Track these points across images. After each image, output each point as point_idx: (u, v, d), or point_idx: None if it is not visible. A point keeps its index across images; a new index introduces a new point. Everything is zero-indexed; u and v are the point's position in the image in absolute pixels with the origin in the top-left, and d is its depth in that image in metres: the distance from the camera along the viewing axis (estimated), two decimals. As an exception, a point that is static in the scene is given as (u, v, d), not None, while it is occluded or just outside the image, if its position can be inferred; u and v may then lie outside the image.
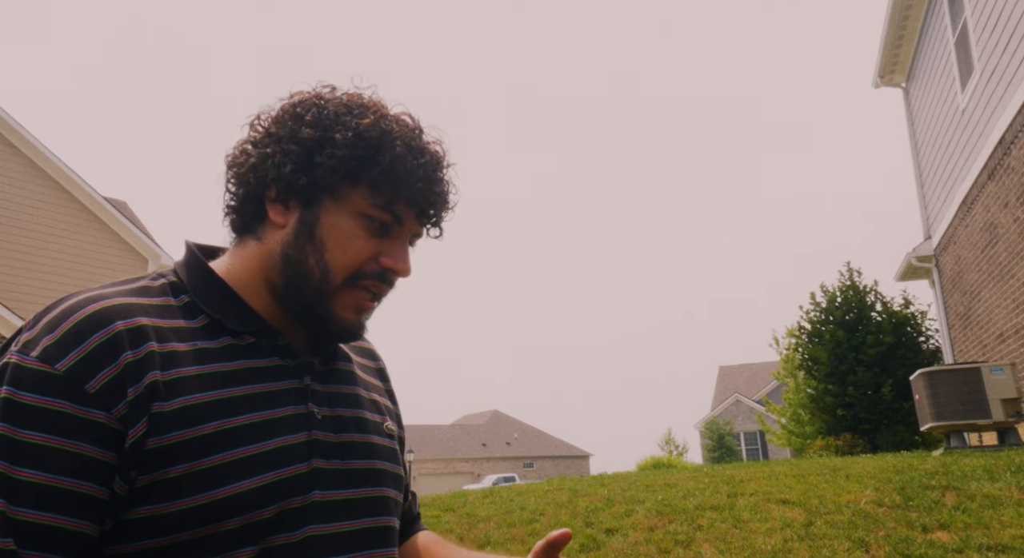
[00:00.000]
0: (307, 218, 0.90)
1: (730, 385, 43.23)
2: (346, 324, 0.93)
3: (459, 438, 49.97)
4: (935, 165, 10.81)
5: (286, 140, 0.90)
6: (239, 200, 0.93)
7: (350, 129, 0.89)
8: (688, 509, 5.32)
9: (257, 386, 0.87)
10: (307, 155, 0.88)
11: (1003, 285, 8.29)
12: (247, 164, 0.92)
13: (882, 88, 12.24)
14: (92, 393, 0.77)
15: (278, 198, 0.91)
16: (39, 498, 0.74)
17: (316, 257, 0.89)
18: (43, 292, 11.48)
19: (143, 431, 0.78)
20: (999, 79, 7.82)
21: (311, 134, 0.89)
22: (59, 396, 0.76)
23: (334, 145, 0.88)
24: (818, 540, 4.37)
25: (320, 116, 0.90)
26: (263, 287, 0.92)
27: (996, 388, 6.92)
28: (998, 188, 8.15)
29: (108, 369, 0.78)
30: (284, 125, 0.91)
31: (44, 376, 0.77)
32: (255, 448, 0.83)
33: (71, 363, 0.77)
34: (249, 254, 0.94)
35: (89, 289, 0.85)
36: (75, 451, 0.76)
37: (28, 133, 11.90)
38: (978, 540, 4.03)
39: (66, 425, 0.76)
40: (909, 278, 12.58)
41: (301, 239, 0.90)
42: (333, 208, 0.90)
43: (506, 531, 5.51)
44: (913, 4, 10.53)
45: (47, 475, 0.75)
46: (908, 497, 4.89)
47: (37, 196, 12.02)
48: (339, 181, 0.89)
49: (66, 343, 0.78)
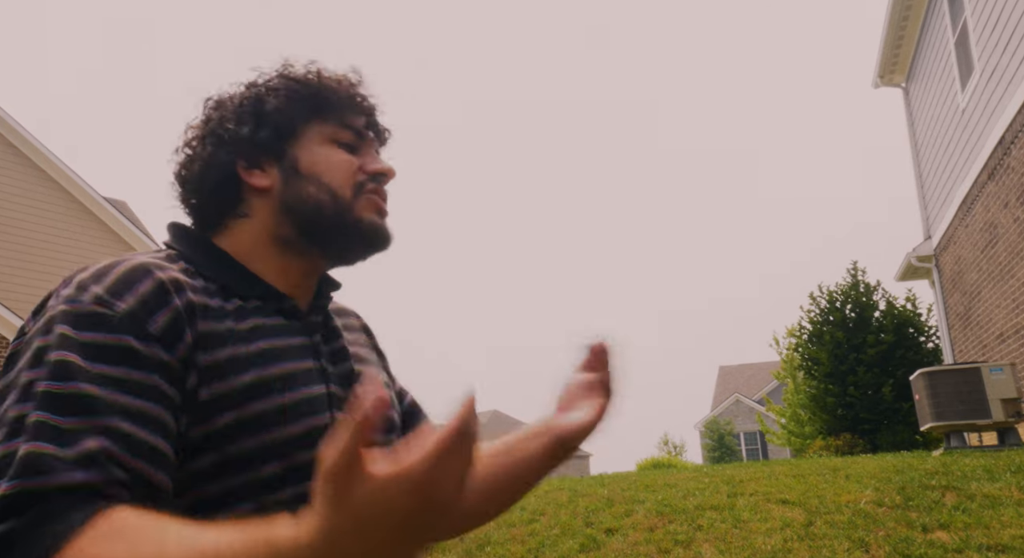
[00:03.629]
0: (287, 165, 0.95)
1: (730, 385, 43.22)
2: (375, 224, 0.97)
3: (459, 438, 49.99)
4: (935, 165, 10.81)
5: (232, 111, 0.95)
6: (213, 191, 0.94)
7: (279, 77, 0.97)
8: (688, 509, 5.32)
9: (277, 340, 0.89)
10: (257, 111, 0.95)
11: (1003, 285, 8.29)
12: (203, 154, 0.94)
13: (882, 88, 12.24)
14: (154, 333, 0.78)
15: (250, 165, 0.94)
16: (124, 415, 0.73)
17: (316, 186, 0.94)
18: (43, 292, 11.44)
19: (197, 377, 0.79)
20: (999, 79, 7.82)
21: (250, 93, 0.96)
22: (123, 332, 0.76)
23: (275, 93, 0.95)
24: (818, 540, 4.37)
25: (249, 82, 0.98)
26: (273, 249, 0.95)
27: (996, 388, 6.92)
28: (998, 188, 8.15)
29: (163, 311, 0.79)
30: (222, 104, 0.97)
31: (103, 317, 0.76)
32: (291, 396, 0.85)
33: (128, 305, 0.78)
34: (243, 232, 0.95)
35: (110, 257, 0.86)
36: (148, 382, 0.76)
37: (28, 133, 11.90)
38: (978, 540, 4.03)
39: (135, 358, 0.76)
40: (909, 278, 12.58)
41: (293, 183, 0.94)
42: (303, 145, 0.95)
43: (506, 531, 5.51)
44: (913, 4, 10.53)
45: (129, 397, 0.74)
46: (908, 497, 4.89)
47: (37, 196, 12.02)
48: (294, 121, 0.95)
49: (118, 289, 0.79)
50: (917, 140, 11.73)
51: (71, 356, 0.73)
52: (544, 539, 5.18)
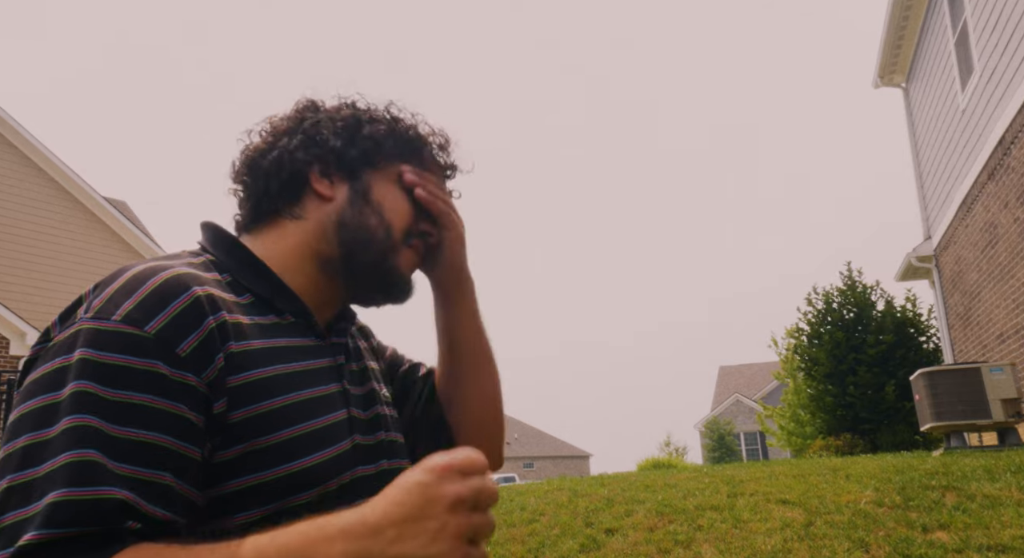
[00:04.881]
0: (359, 187, 0.97)
1: (730, 385, 43.21)
2: (406, 279, 1.00)
3: (459, 438, 49.91)
4: (935, 165, 10.81)
5: (329, 119, 0.98)
6: (279, 182, 0.95)
7: (383, 111, 1.01)
8: (688, 509, 5.32)
9: (305, 363, 0.89)
10: (352, 130, 0.98)
11: (1003, 285, 8.29)
12: (286, 147, 0.95)
13: (882, 88, 12.24)
14: (183, 356, 0.76)
15: (324, 173, 0.96)
16: (142, 455, 0.71)
17: (377, 218, 0.96)
18: (43, 292, 11.48)
19: (226, 400, 0.78)
20: (999, 79, 7.82)
21: (352, 113, 0.99)
22: (152, 357, 0.74)
23: (376, 123, 0.99)
24: (818, 540, 4.37)
25: (352, 102, 1.02)
26: (311, 263, 0.95)
27: (996, 388, 6.92)
28: (998, 188, 8.15)
29: (196, 333, 0.77)
30: (319, 110, 1.00)
31: (133, 339, 0.74)
32: (316, 423, 0.85)
33: (160, 325, 0.75)
34: (288, 234, 0.95)
35: (144, 260, 0.84)
36: (175, 412, 0.74)
37: (28, 133, 11.90)
38: (978, 540, 4.03)
39: (163, 386, 0.74)
40: (909, 278, 12.58)
41: (358, 205, 0.96)
42: (379, 179, 0.98)
43: (506, 531, 5.51)
44: (913, 4, 10.53)
45: (149, 433, 0.72)
46: (908, 497, 4.89)
47: (37, 196, 12.02)
48: (382, 154, 0.98)
49: (151, 306, 0.76)
50: (917, 140, 11.73)
51: (91, 386, 0.71)
52: (544, 539, 5.18)
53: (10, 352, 10.24)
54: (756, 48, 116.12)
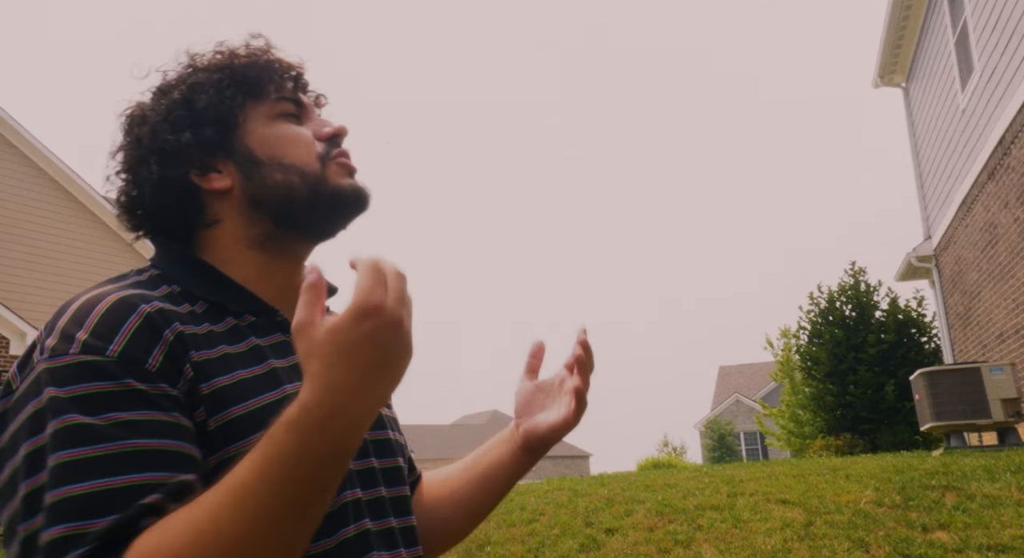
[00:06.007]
0: (241, 157, 0.89)
1: (730, 385, 43.22)
2: (354, 188, 0.92)
3: (459, 438, 49.93)
4: (935, 165, 10.81)
5: (162, 121, 0.88)
6: (175, 208, 0.89)
7: (195, 71, 0.91)
8: (688, 509, 5.32)
9: (273, 362, 0.85)
10: (190, 113, 0.88)
11: (1003, 285, 8.29)
12: (151, 175, 0.88)
13: (882, 88, 12.25)
14: (153, 371, 0.73)
15: (204, 170, 0.89)
16: (148, 460, 0.69)
17: (280, 170, 0.89)
18: (43, 292, 11.48)
19: (204, 409, 0.76)
20: (999, 79, 7.82)
21: (174, 97, 0.89)
22: (123, 378, 0.71)
23: (200, 88, 0.89)
24: (818, 540, 4.37)
25: (163, 85, 0.91)
26: (253, 256, 0.90)
27: (996, 388, 6.92)
28: (998, 188, 8.15)
29: (158, 348, 0.75)
30: (145, 119, 0.90)
31: (97, 365, 0.71)
32: None
33: (120, 346, 0.72)
34: (216, 241, 0.90)
35: (84, 291, 0.81)
36: (167, 419, 0.71)
37: (28, 133, 11.90)
38: (978, 540, 4.03)
39: (146, 400, 0.71)
40: (909, 278, 12.58)
41: (255, 173, 0.89)
42: (250, 132, 0.90)
43: (506, 531, 5.51)
44: (913, 4, 10.53)
45: (150, 441, 0.69)
46: (908, 497, 4.89)
47: (37, 196, 12.02)
48: (232, 110, 0.89)
49: (105, 331, 0.73)
50: (917, 140, 11.73)
51: (73, 418, 0.68)
52: (544, 539, 5.18)
53: (10, 352, 10.24)
54: (756, 48, 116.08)
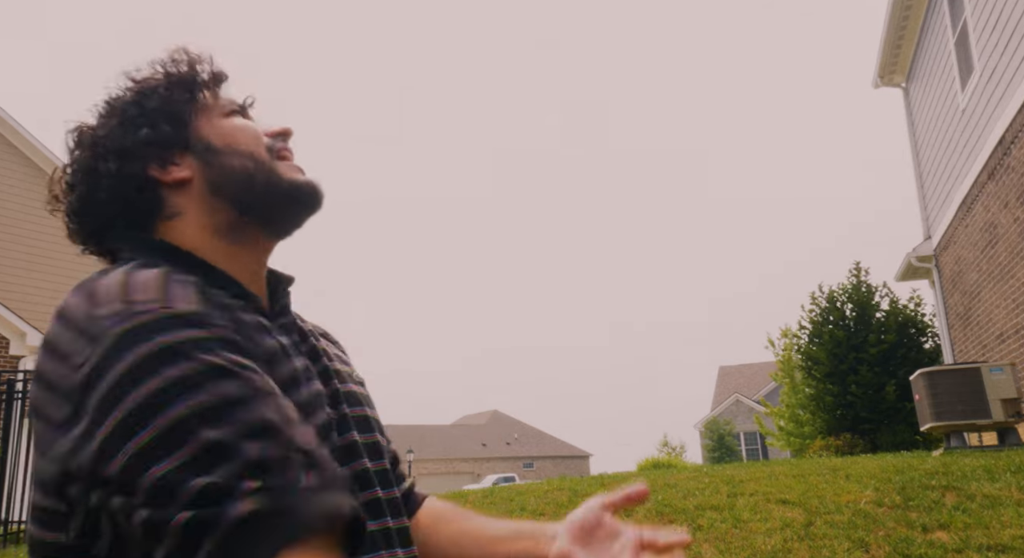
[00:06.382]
0: (199, 147, 0.91)
1: (730, 385, 43.22)
2: (307, 182, 0.95)
3: (459, 438, 49.94)
4: (935, 165, 10.81)
5: (118, 124, 0.90)
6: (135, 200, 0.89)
7: (142, 79, 0.94)
8: (688, 509, 5.32)
9: (292, 362, 0.86)
10: (144, 112, 0.91)
11: (1003, 285, 8.29)
12: (111, 170, 0.89)
13: (882, 88, 12.25)
14: (242, 344, 0.74)
15: (162, 163, 0.90)
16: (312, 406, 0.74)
17: (237, 156, 0.92)
18: (43, 292, 11.48)
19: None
20: (999, 79, 7.82)
21: (130, 96, 0.92)
22: (219, 326, 0.72)
23: (151, 89, 0.92)
24: (818, 540, 4.37)
25: (109, 99, 0.93)
26: (221, 246, 0.90)
27: (996, 388, 6.92)
28: (998, 188, 8.15)
29: (230, 326, 0.75)
30: (98, 127, 0.91)
31: (188, 315, 0.70)
32: (304, 391, 0.85)
33: (196, 305, 0.73)
34: (179, 233, 0.90)
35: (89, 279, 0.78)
36: (287, 366, 0.80)
37: (28, 133, 11.91)
38: (978, 540, 4.03)
39: (252, 349, 0.75)
40: (909, 278, 12.58)
41: (213, 161, 0.91)
42: (203, 125, 0.93)
43: (506, 531, 5.50)
44: (913, 4, 10.53)
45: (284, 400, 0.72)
46: (908, 497, 4.89)
47: (37, 196, 12.01)
48: (184, 106, 0.92)
49: (174, 292, 0.72)
50: (917, 140, 11.73)
51: (215, 358, 0.68)
52: (544, 539, 5.17)
53: (10, 352, 10.24)
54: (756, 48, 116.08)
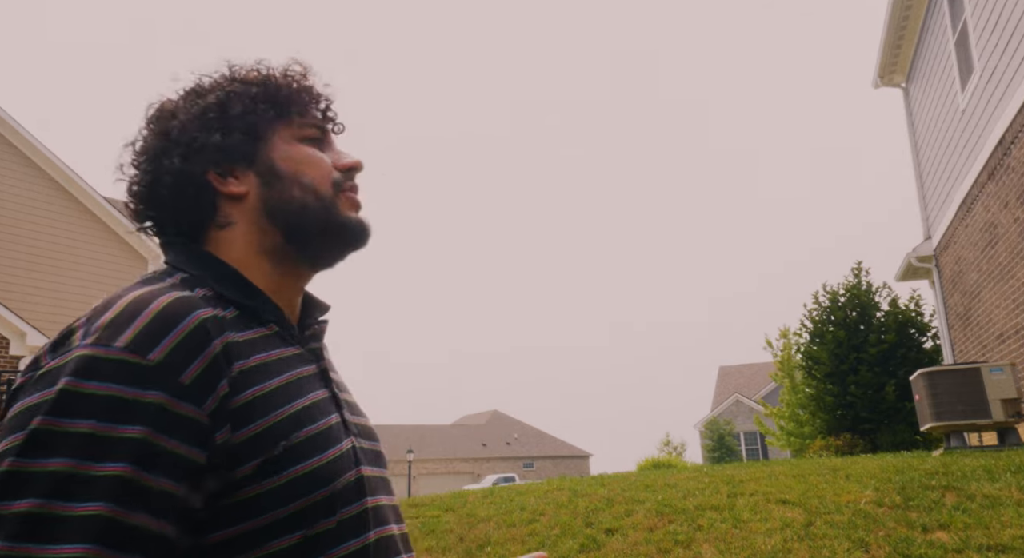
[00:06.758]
0: (263, 168, 0.92)
1: (730, 385, 43.20)
2: (359, 222, 0.96)
3: (459, 438, 49.92)
4: (935, 165, 10.80)
5: (193, 119, 0.91)
6: (190, 204, 0.90)
7: (233, 81, 0.94)
8: (688, 509, 5.32)
9: (299, 370, 0.88)
10: (222, 117, 0.91)
11: (1003, 285, 8.28)
12: (173, 168, 0.89)
13: (882, 88, 12.24)
14: (186, 385, 0.74)
15: (224, 173, 0.91)
16: (125, 495, 0.69)
17: (298, 186, 0.92)
18: (43, 292, 11.47)
19: (230, 425, 0.76)
20: (999, 79, 7.82)
21: (214, 99, 0.92)
22: (155, 388, 0.72)
23: (237, 97, 0.92)
24: (818, 540, 4.37)
25: (202, 88, 0.94)
26: (265, 262, 0.91)
27: (996, 388, 6.92)
28: (998, 188, 8.15)
29: (199, 359, 0.75)
30: (175, 114, 0.92)
31: (137, 367, 0.71)
32: (319, 426, 0.84)
33: (164, 353, 0.73)
34: (227, 243, 0.91)
35: (131, 287, 0.81)
36: (169, 449, 0.72)
37: (28, 133, 11.90)
38: (978, 540, 4.03)
39: (163, 420, 0.71)
40: (909, 278, 12.58)
41: (274, 185, 0.92)
42: (274, 147, 0.93)
43: (506, 531, 5.51)
44: (913, 4, 10.53)
45: (137, 469, 0.69)
46: (908, 497, 4.89)
47: (37, 196, 12.02)
48: (262, 123, 0.93)
49: (154, 332, 0.74)
50: (917, 140, 11.72)
51: (89, 426, 0.69)
52: (544, 539, 5.17)
53: (10, 352, 10.23)
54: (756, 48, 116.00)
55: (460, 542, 5.43)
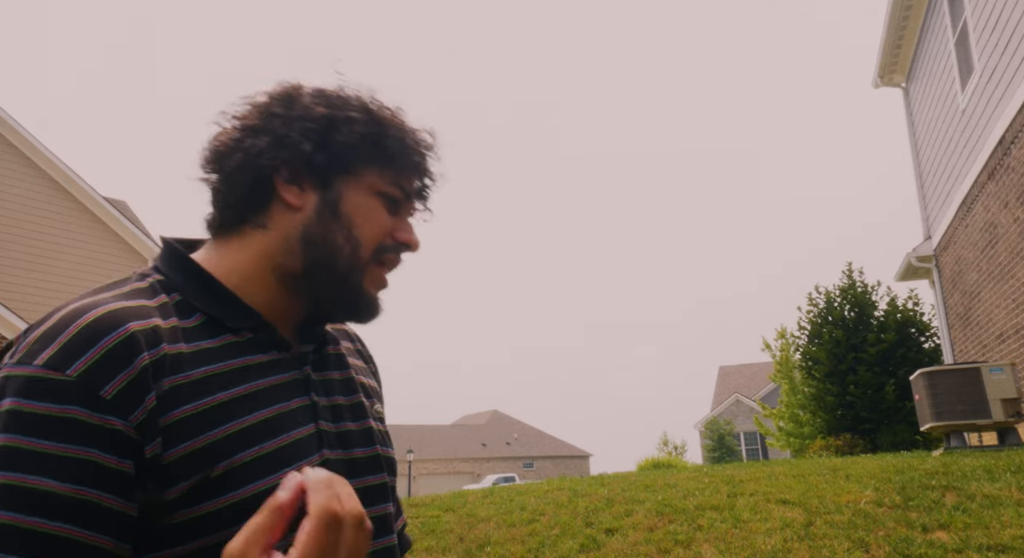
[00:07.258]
0: (328, 197, 0.89)
1: (730, 385, 43.21)
2: (372, 300, 0.93)
3: (459, 438, 49.91)
4: (935, 165, 10.80)
5: (299, 119, 0.89)
6: (243, 188, 0.88)
7: (362, 109, 0.91)
8: (688, 509, 5.32)
9: (263, 381, 0.85)
10: (324, 133, 0.89)
11: (1003, 285, 8.28)
12: (252, 148, 0.88)
13: (882, 88, 12.24)
14: (108, 399, 0.73)
15: (292, 179, 0.89)
16: (54, 508, 0.69)
17: (344, 234, 0.89)
18: (43, 292, 11.47)
19: (161, 440, 0.75)
20: (999, 79, 7.82)
21: (326, 112, 0.89)
22: (72, 403, 0.71)
23: (351, 123, 0.89)
24: (818, 540, 4.37)
25: (330, 97, 0.91)
26: (272, 276, 0.89)
27: (996, 388, 6.92)
28: (998, 188, 8.15)
29: (124, 373, 0.74)
30: (292, 105, 0.90)
31: (53, 383, 0.72)
32: (271, 445, 0.81)
33: (83, 367, 0.73)
34: (253, 244, 0.89)
35: (80, 297, 0.80)
36: (91, 459, 0.71)
37: (28, 133, 11.90)
38: (978, 540, 4.03)
39: (80, 433, 0.71)
40: (909, 278, 12.57)
41: (325, 217, 0.89)
42: (352, 185, 0.90)
43: (506, 531, 5.51)
44: (913, 4, 10.53)
45: (63, 484, 0.70)
46: (908, 497, 4.89)
47: (37, 196, 12.01)
48: (356, 159, 0.90)
49: (74, 348, 0.73)
50: (917, 140, 11.72)
51: (14, 440, 0.70)
52: (544, 539, 5.17)
53: (10, 352, 10.24)
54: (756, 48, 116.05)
55: (460, 542, 5.43)
